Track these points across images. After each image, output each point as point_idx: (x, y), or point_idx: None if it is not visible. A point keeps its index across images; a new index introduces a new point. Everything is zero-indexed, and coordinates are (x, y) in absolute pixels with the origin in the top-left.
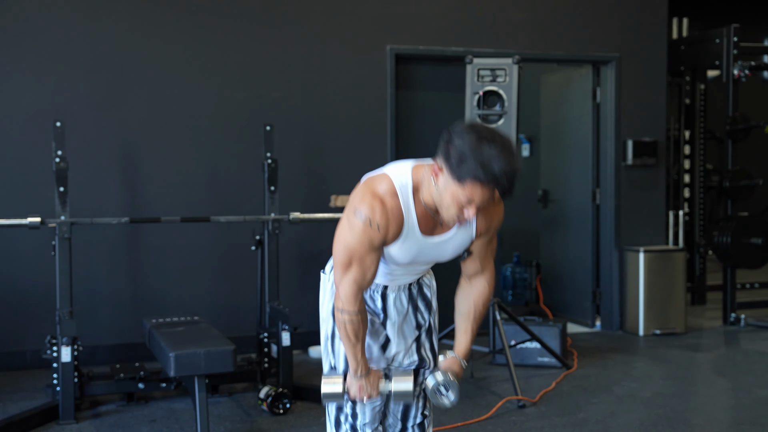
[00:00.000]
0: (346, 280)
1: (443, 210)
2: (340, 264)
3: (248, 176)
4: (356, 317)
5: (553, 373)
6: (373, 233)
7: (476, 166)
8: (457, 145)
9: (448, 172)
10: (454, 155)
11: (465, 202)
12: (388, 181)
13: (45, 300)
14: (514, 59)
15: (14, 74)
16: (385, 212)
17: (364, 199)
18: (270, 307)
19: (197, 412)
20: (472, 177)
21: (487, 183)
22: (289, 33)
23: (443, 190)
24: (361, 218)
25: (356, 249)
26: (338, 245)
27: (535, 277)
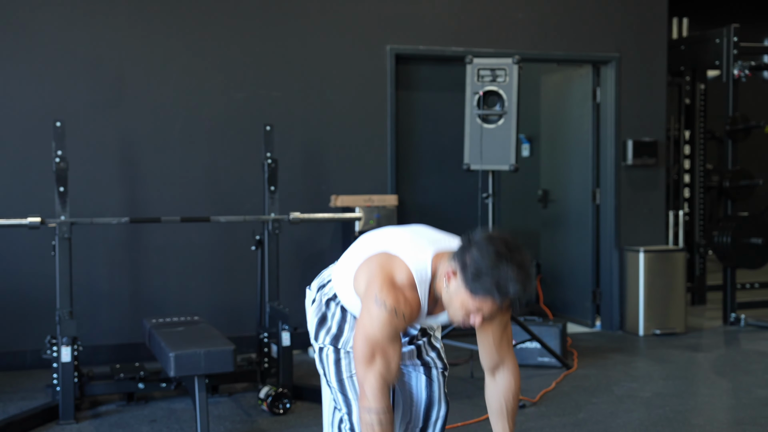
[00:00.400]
0: (370, 374)
1: (450, 310)
2: (363, 358)
3: (248, 176)
4: (385, 416)
5: (553, 373)
6: (399, 322)
7: (491, 286)
8: (475, 259)
9: (462, 281)
10: (470, 268)
11: (473, 311)
12: (407, 272)
13: (45, 300)
14: (514, 59)
15: (14, 74)
16: (408, 303)
17: (386, 291)
18: (270, 307)
19: (197, 412)
20: (485, 294)
21: (500, 302)
22: (289, 33)
23: (453, 295)
24: (386, 309)
25: (379, 340)
26: (359, 340)
27: (535, 277)
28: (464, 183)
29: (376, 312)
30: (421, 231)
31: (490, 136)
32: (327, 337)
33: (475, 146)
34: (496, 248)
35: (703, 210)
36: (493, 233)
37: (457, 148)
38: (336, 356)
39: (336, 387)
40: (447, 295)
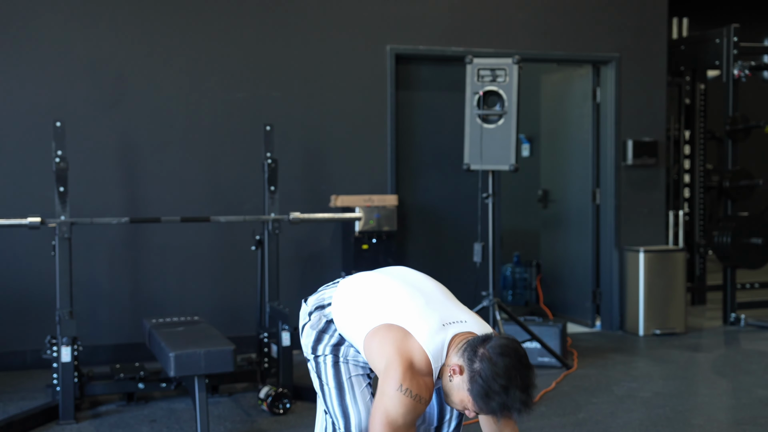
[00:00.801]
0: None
1: (447, 399)
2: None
3: (248, 176)
4: None
5: (553, 373)
6: (421, 408)
7: (497, 408)
8: (485, 375)
9: (467, 389)
10: (479, 383)
11: (470, 410)
12: (425, 359)
13: (45, 300)
14: (514, 59)
15: (14, 74)
16: (428, 389)
17: (408, 379)
18: (270, 307)
19: (197, 412)
20: (492, 412)
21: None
22: (289, 33)
23: (455, 390)
24: (411, 397)
25: (401, 426)
26: (379, 421)
27: (535, 277)
28: (464, 183)
29: (400, 399)
30: (427, 294)
31: (490, 136)
32: (327, 347)
33: (475, 146)
34: (507, 365)
35: (703, 210)
36: (507, 344)
37: (457, 148)
38: (334, 359)
39: (334, 393)
40: (449, 386)
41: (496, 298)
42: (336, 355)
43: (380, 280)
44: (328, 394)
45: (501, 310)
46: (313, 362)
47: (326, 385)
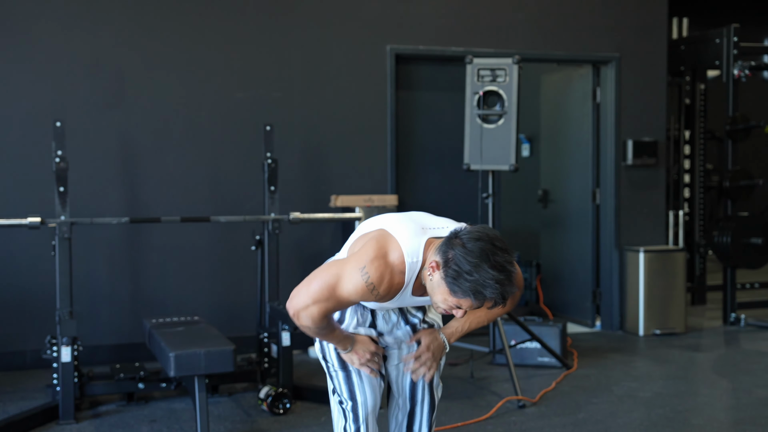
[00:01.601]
0: (316, 308)
1: (432, 299)
2: (316, 298)
3: (248, 176)
4: (324, 328)
5: (553, 373)
6: (368, 296)
7: (468, 289)
8: (457, 258)
9: (443, 278)
10: (452, 266)
11: (454, 307)
12: (400, 256)
13: (45, 300)
14: (514, 59)
15: (14, 74)
16: (389, 285)
17: (375, 265)
18: (270, 307)
19: (197, 412)
20: (463, 295)
21: (478, 304)
22: (289, 33)
23: (436, 287)
24: (365, 280)
25: (342, 300)
26: (323, 282)
27: (535, 277)
28: (464, 183)
29: (356, 277)
30: (419, 216)
31: (490, 136)
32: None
33: (475, 146)
34: (480, 248)
35: (703, 210)
36: (480, 230)
37: (457, 148)
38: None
39: (341, 374)
40: (430, 285)
41: None
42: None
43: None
44: (335, 376)
45: None
46: (317, 343)
47: (332, 367)
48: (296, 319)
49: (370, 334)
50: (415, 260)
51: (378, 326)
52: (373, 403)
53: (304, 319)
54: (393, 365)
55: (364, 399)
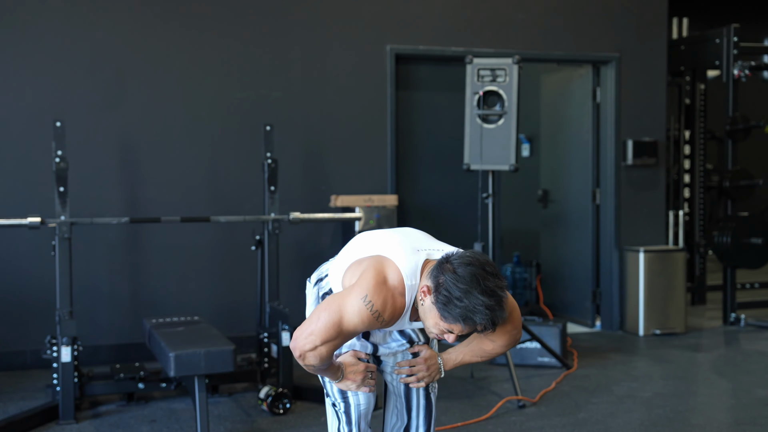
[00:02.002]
0: (323, 348)
1: (425, 325)
2: (324, 337)
3: (248, 176)
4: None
5: (553, 373)
6: (374, 325)
7: (459, 315)
8: (447, 283)
9: (434, 303)
10: (442, 291)
11: (445, 331)
12: (399, 278)
13: (45, 300)
14: (514, 59)
15: (14, 74)
16: (393, 310)
17: (378, 292)
18: (270, 307)
19: (197, 412)
20: (458, 320)
21: (468, 330)
22: (290, 33)
23: (427, 312)
24: (370, 311)
25: (350, 331)
26: (329, 319)
27: (535, 277)
28: (464, 183)
29: (360, 308)
30: (415, 235)
31: (490, 136)
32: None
33: (475, 146)
34: (471, 273)
35: (703, 210)
36: (471, 256)
37: (457, 148)
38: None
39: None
40: (422, 310)
41: None
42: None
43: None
44: (326, 379)
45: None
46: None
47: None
48: (302, 360)
49: (366, 349)
50: (414, 282)
51: (371, 337)
52: (366, 406)
53: (311, 359)
54: (388, 371)
55: (357, 401)
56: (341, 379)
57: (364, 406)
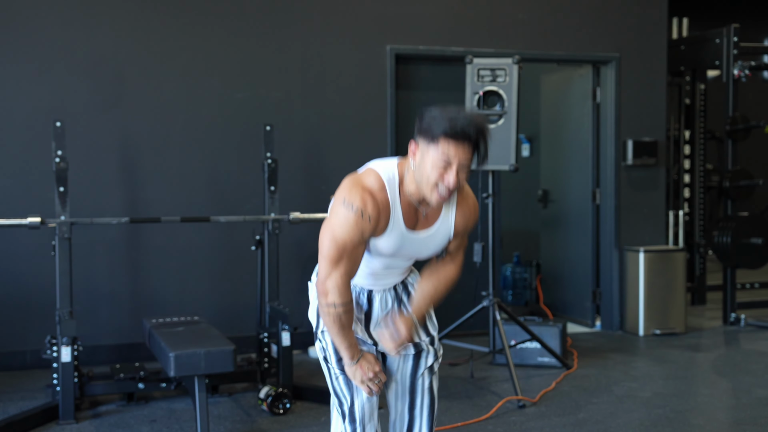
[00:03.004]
0: (336, 274)
1: (424, 185)
2: (330, 259)
3: (248, 176)
4: (348, 307)
5: (553, 373)
6: (365, 225)
7: (445, 122)
8: (427, 116)
9: (423, 139)
10: (425, 122)
11: (443, 165)
12: (376, 175)
13: (45, 300)
14: (514, 59)
15: (14, 74)
16: (376, 205)
17: (354, 192)
18: (270, 307)
19: (197, 412)
20: (442, 132)
21: (457, 136)
22: (290, 33)
23: (421, 162)
24: (353, 210)
25: (347, 242)
26: (327, 240)
27: (535, 277)
28: None
29: (344, 214)
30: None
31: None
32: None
33: None
34: (445, 106)
35: (703, 210)
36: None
37: None
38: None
39: (341, 377)
40: (418, 171)
41: (496, 298)
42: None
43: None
44: (334, 378)
45: (501, 310)
46: (318, 344)
47: (333, 369)
48: (325, 297)
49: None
50: (392, 176)
51: (374, 311)
52: (370, 406)
53: (332, 293)
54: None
55: (362, 401)
56: (357, 362)
57: (369, 405)
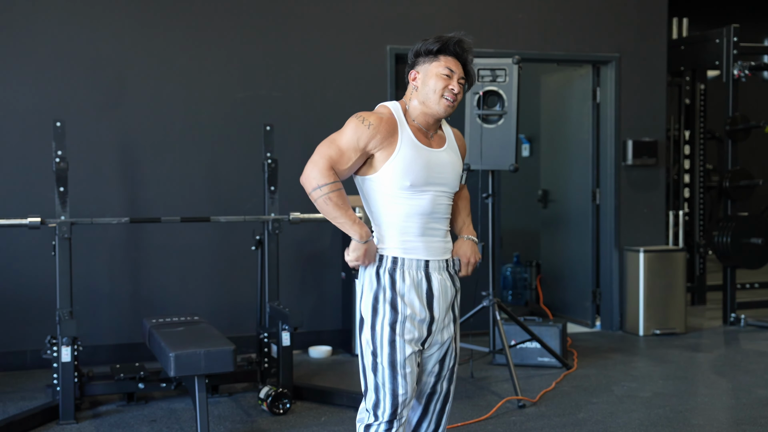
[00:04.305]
0: (319, 156)
1: (432, 99)
2: (318, 150)
3: (248, 176)
4: (335, 186)
5: (553, 373)
6: (363, 131)
7: (442, 41)
8: (423, 43)
9: (422, 61)
10: (424, 47)
11: (447, 74)
12: (381, 106)
13: (45, 300)
14: (514, 59)
15: (14, 74)
16: (378, 117)
17: (361, 113)
18: (270, 307)
19: (197, 412)
20: (440, 48)
21: (453, 50)
22: (289, 33)
23: (425, 81)
24: (355, 118)
25: (341, 142)
26: (323, 142)
27: (535, 277)
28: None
29: (346, 124)
30: None
31: (490, 136)
32: (385, 317)
33: (475, 146)
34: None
35: (703, 210)
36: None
37: None
38: (391, 336)
39: (387, 372)
40: (422, 90)
41: (496, 298)
42: (393, 329)
43: None
44: (381, 372)
45: (501, 310)
46: (369, 330)
47: (381, 364)
48: (309, 184)
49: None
50: (395, 106)
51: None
52: (409, 399)
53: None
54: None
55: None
56: (366, 242)
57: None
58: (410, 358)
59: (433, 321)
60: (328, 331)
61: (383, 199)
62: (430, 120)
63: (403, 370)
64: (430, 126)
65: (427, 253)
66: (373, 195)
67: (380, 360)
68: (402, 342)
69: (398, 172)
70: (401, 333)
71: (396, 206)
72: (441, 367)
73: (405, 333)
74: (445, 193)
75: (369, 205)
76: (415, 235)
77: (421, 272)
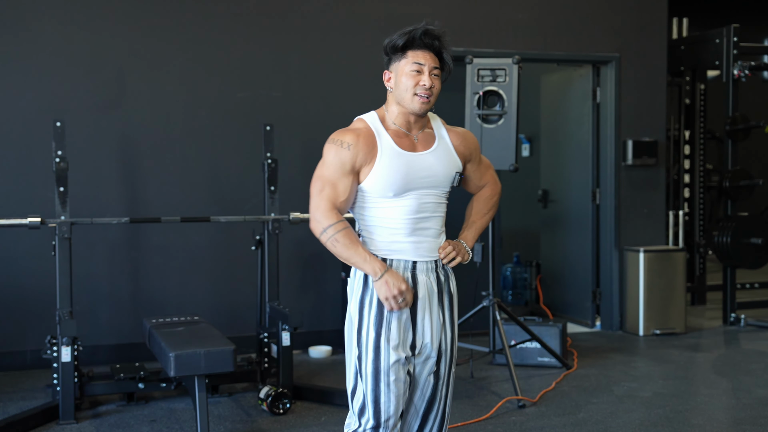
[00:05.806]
0: (318, 199)
1: (406, 98)
2: (314, 191)
3: (248, 176)
4: (341, 225)
5: (553, 373)
6: (344, 153)
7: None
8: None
9: (392, 60)
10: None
11: (416, 70)
12: (357, 120)
13: (45, 300)
14: (514, 59)
15: (14, 74)
16: (355, 134)
17: (334, 134)
18: (270, 307)
19: (197, 412)
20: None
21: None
22: (289, 33)
23: (397, 80)
24: (333, 143)
25: (328, 175)
26: (313, 179)
27: (535, 277)
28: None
29: (325, 151)
30: None
31: (490, 136)
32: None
33: None
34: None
35: (703, 210)
36: None
37: None
38: (376, 341)
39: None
40: (397, 90)
41: (496, 298)
42: (378, 334)
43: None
44: (364, 378)
45: (501, 310)
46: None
47: (365, 370)
48: (317, 227)
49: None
50: (371, 116)
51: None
52: (395, 409)
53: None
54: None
55: (387, 407)
56: (382, 277)
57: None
58: (395, 366)
59: (416, 324)
60: (328, 331)
61: (369, 203)
62: (410, 119)
63: (387, 377)
64: (413, 126)
65: (415, 254)
66: (359, 201)
67: (365, 365)
68: (387, 347)
69: (380, 183)
70: (386, 338)
71: (382, 209)
72: (437, 373)
73: (390, 338)
74: (432, 194)
75: (356, 208)
76: (403, 235)
77: (408, 273)
